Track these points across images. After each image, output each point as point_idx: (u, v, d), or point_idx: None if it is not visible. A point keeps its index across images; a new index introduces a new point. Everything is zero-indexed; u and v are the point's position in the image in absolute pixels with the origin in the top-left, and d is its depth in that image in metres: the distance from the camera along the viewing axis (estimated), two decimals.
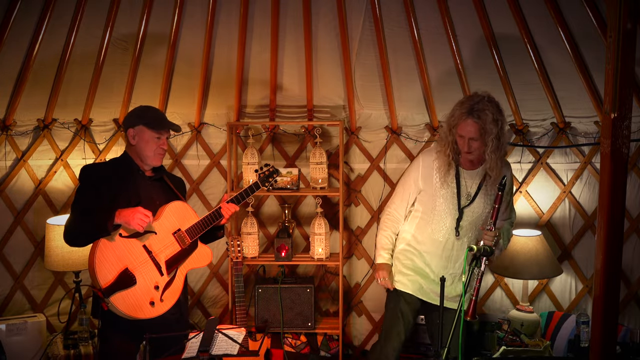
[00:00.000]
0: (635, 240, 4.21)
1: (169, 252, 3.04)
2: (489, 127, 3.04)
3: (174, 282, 3.05)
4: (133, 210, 2.88)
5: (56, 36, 3.90)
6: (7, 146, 4.22)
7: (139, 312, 2.94)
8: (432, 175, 3.23)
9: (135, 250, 2.95)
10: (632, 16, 2.15)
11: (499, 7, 3.79)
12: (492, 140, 3.06)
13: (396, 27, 4.03)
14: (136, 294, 2.93)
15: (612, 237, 2.27)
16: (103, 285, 2.85)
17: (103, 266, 2.87)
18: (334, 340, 4.42)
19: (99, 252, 2.88)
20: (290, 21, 4.06)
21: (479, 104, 3.07)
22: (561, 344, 3.93)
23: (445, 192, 3.21)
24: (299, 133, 4.50)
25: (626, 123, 2.20)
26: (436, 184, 3.22)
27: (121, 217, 2.87)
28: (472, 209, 3.22)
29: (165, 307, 3.01)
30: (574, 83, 3.98)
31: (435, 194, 3.22)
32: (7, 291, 4.29)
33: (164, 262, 3.02)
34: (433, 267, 3.29)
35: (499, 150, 3.10)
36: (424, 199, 3.29)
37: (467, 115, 3.06)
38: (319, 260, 4.25)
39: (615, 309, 2.32)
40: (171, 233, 3.05)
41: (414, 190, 3.32)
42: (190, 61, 4.22)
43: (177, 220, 3.08)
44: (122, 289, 2.89)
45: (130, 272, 2.92)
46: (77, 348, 3.91)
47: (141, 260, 2.96)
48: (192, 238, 3.09)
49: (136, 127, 3.06)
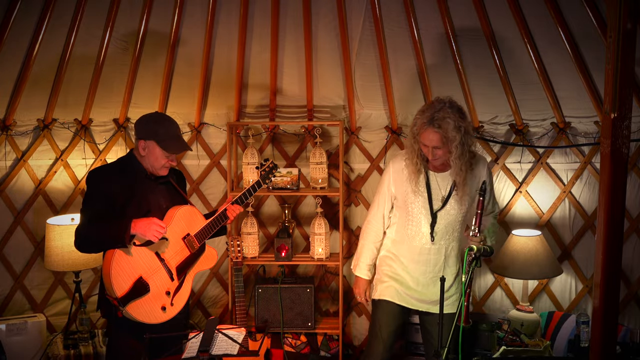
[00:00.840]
0: (635, 240, 4.21)
1: (179, 257, 3.07)
2: (451, 135, 2.98)
3: (183, 286, 3.09)
4: (148, 222, 2.89)
5: (56, 36, 3.90)
6: (7, 146, 4.22)
7: (152, 318, 2.97)
8: (403, 181, 3.20)
9: (148, 259, 2.98)
10: (632, 16, 2.15)
11: (499, 7, 3.79)
12: (456, 147, 3.01)
13: (396, 27, 4.03)
14: (149, 301, 2.96)
15: (612, 237, 2.27)
16: (119, 295, 2.88)
17: (119, 276, 2.89)
18: (334, 340, 4.42)
19: (115, 263, 2.89)
20: (290, 21, 4.06)
21: (439, 112, 3.00)
22: (561, 344, 3.93)
23: (417, 197, 3.17)
24: (299, 133, 4.50)
25: (626, 123, 2.21)
26: (407, 189, 3.19)
27: (137, 229, 2.88)
28: (445, 212, 3.17)
29: (175, 311, 3.05)
30: (574, 83, 3.98)
31: (407, 200, 3.20)
32: (7, 291, 4.29)
33: (174, 268, 3.05)
34: (411, 272, 3.24)
35: (464, 155, 3.05)
36: (398, 204, 3.26)
37: (428, 125, 3.01)
38: (319, 260, 4.25)
39: (615, 309, 2.32)
40: (181, 238, 3.07)
41: (388, 196, 3.29)
42: (190, 61, 4.22)
43: (186, 225, 3.10)
44: (136, 297, 2.92)
45: (144, 281, 2.94)
46: (77, 348, 3.91)
47: (154, 268, 2.98)
48: (200, 242, 3.13)
49: (148, 141, 2.99)
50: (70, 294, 4.38)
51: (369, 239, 3.37)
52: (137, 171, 3.05)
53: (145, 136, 2.99)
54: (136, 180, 3.03)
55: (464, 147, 3.04)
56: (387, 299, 3.29)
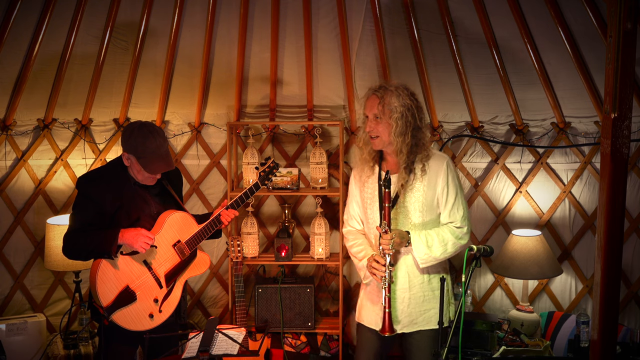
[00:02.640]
0: (635, 240, 4.21)
1: (169, 264, 3.05)
2: (393, 104, 2.85)
3: (172, 293, 3.07)
4: (136, 233, 2.88)
5: (56, 36, 3.90)
6: (7, 146, 4.22)
7: (139, 325, 2.96)
8: (363, 186, 3.07)
9: (135, 268, 2.97)
10: (632, 16, 2.15)
11: (499, 7, 3.79)
12: (396, 121, 2.85)
13: (396, 27, 4.04)
14: (136, 310, 2.96)
15: (612, 237, 2.27)
16: (105, 305, 2.88)
17: (105, 285, 2.89)
18: (334, 340, 4.42)
19: (101, 272, 2.89)
20: (290, 21, 4.06)
21: (385, 85, 2.93)
22: (561, 344, 3.93)
23: (372, 200, 3.01)
24: (299, 133, 4.50)
25: (626, 123, 2.21)
26: (365, 194, 3.06)
27: (124, 239, 2.87)
28: (397, 215, 2.95)
29: (163, 317, 3.04)
30: (574, 83, 3.98)
31: (365, 205, 3.05)
32: (7, 291, 4.29)
33: (163, 276, 3.03)
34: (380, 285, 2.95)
35: (406, 135, 2.87)
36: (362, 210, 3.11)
37: (372, 93, 2.93)
38: (319, 260, 4.25)
39: (616, 309, 2.32)
40: (171, 245, 3.05)
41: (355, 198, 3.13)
42: (190, 61, 4.22)
43: (177, 232, 3.07)
44: (122, 306, 2.91)
45: (131, 290, 2.94)
46: (77, 348, 3.91)
47: (141, 277, 2.98)
48: (191, 249, 3.09)
49: (130, 154, 2.92)
50: (70, 294, 4.39)
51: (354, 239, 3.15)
52: (126, 177, 3.01)
53: (128, 149, 2.92)
54: (125, 186, 2.99)
55: (406, 127, 2.87)
56: (364, 324, 3.11)
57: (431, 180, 2.94)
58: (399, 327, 2.97)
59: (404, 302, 2.97)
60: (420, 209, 2.94)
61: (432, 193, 2.95)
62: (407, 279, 2.97)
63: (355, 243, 3.13)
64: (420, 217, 2.96)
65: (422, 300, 2.98)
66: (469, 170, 4.42)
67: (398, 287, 2.97)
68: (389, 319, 2.86)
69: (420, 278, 2.98)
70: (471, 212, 4.43)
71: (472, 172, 4.43)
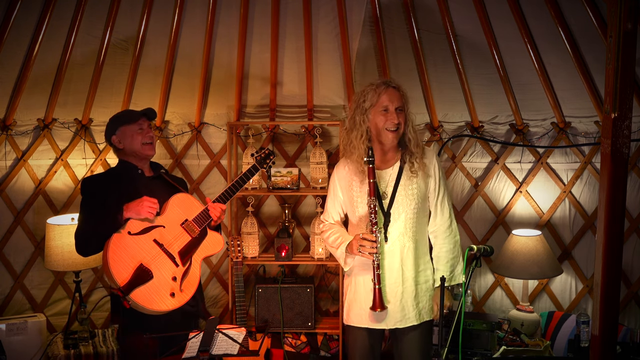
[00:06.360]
0: (635, 240, 4.21)
1: (180, 242, 3.05)
2: (408, 97, 2.96)
3: (190, 271, 3.06)
4: (139, 201, 2.95)
5: (56, 36, 3.90)
6: (7, 146, 4.22)
7: (161, 304, 2.93)
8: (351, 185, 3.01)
9: (146, 246, 2.97)
10: (632, 16, 2.15)
11: (499, 7, 3.79)
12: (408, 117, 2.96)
13: (396, 27, 4.04)
14: (155, 287, 2.93)
15: (612, 237, 2.26)
16: (121, 284, 2.87)
17: (117, 265, 2.89)
18: (334, 340, 4.42)
19: (111, 252, 2.90)
20: (290, 21, 4.07)
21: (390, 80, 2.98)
22: (561, 344, 3.93)
23: (364, 199, 2.94)
24: (299, 133, 4.50)
25: (626, 123, 2.20)
26: (354, 192, 2.99)
27: (129, 210, 2.94)
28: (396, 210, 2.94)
29: (186, 297, 3.01)
30: (574, 83, 3.98)
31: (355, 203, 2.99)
32: (7, 291, 4.30)
33: (177, 253, 3.03)
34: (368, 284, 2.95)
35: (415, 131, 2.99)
36: (348, 209, 3.07)
37: (387, 86, 2.92)
38: (319, 260, 4.25)
39: (616, 309, 2.32)
40: (179, 224, 3.07)
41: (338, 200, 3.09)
42: (191, 61, 4.22)
43: (182, 211, 3.10)
44: (140, 284, 2.90)
45: (145, 267, 2.93)
46: (77, 348, 3.91)
47: (154, 254, 2.98)
48: (200, 226, 3.11)
49: (116, 131, 3.13)
50: (70, 294, 4.39)
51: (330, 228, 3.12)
52: (130, 172, 3.11)
53: (112, 130, 3.14)
54: (129, 180, 3.08)
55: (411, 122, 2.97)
56: (354, 325, 3.06)
57: (425, 172, 2.98)
58: (391, 323, 2.96)
59: (397, 296, 2.95)
60: (417, 201, 2.95)
61: (425, 185, 2.98)
62: (401, 273, 2.95)
63: (331, 232, 3.10)
64: (416, 209, 2.95)
65: (415, 294, 2.96)
66: (469, 170, 4.42)
67: (391, 281, 2.95)
68: (379, 295, 2.84)
69: (412, 272, 2.96)
70: (471, 212, 4.44)
71: (472, 172, 4.43)
